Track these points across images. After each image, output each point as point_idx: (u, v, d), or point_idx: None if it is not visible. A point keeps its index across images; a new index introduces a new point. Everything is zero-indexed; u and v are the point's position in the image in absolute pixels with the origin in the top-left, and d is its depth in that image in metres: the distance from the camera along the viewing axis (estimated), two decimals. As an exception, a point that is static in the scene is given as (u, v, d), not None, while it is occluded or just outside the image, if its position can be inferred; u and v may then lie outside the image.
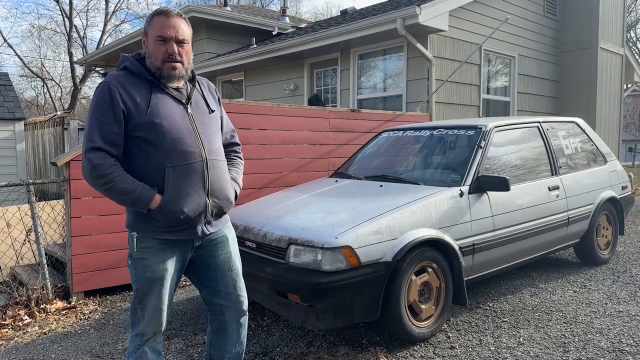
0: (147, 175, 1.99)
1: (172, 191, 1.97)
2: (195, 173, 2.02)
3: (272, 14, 14.03)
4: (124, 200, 1.96)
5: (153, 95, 2.01)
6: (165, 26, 2.01)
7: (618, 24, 10.16)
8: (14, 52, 37.26)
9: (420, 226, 3.13)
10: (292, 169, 5.47)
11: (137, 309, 2.09)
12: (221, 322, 2.29)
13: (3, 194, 4.88)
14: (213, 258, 2.20)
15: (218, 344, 2.32)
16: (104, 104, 1.94)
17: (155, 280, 2.04)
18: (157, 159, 1.97)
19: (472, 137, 3.89)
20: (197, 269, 2.23)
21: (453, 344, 3.15)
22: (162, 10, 2.05)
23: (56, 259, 4.64)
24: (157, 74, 2.03)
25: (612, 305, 3.76)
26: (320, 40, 7.72)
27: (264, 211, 3.56)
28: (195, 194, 2.03)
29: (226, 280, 2.23)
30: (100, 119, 1.94)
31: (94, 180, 1.93)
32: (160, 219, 1.98)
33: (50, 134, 8.16)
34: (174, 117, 2.02)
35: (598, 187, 4.69)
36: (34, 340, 3.44)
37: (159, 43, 2.01)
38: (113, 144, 1.95)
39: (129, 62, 2.05)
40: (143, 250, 2.04)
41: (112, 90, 1.95)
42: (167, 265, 2.06)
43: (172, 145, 1.98)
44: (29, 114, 21.44)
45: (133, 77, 2.02)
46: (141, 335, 2.10)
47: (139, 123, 1.96)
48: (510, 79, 8.66)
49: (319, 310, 2.80)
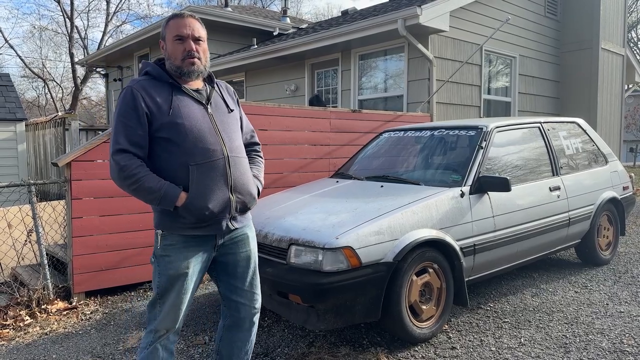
0: (172, 174, 2.06)
1: (196, 188, 2.04)
2: (217, 170, 2.09)
3: (273, 14, 14.04)
4: (151, 199, 2.02)
5: (174, 97, 2.09)
6: (181, 25, 2.11)
7: (619, 24, 10.15)
8: (15, 53, 37.37)
9: (421, 227, 3.13)
10: (293, 169, 5.47)
11: (157, 304, 2.12)
12: (236, 319, 2.33)
13: (4, 195, 4.88)
14: (234, 255, 2.25)
15: (229, 341, 2.35)
16: (127, 108, 2.03)
17: (177, 277, 2.09)
18: (181, 157, 2.04)
19: (473, 138, 3.89)
20: (218, 266, 2.28)
21: (454, 344, 3.15)
22: (175, 14, 2.17)
23: (57, 259, 4.65)
24: (178, 72, 2.12)
25: (614, 306, 3.75)
26: (321, 41, 7.73)
27: (265, 212, 3.56)
28: (219, 190, 2.09)
29: (244, 277, 2.29)
30: (125, 122, 2.02)
31: (122, 181, 2.01)
32: (186, 216, 2.04)
33: (52, 135, 8.16)
34: (195, 117, 2.09)
35: (599, 187, 4.69)
36: (35, 340, 3.45)
37: (177, 42, 2.11)
38: (138, 146, 2.03)
39: (150, 67, 2.15)
40: (167, 248, 2.09)
41: (135, 95, 2.03)
42: (190, 263, 2.11)
43: (194, 144, 2.05)
44: (30, 115, 21.45)
45: (155, 81, 2.11)
46: (155, 332, 2.12)
47: (161, 124, 2.04)
48: (511, 80, 8.66)
49: (320, 311, 2.80)
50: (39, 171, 8.88)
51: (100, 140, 4.11)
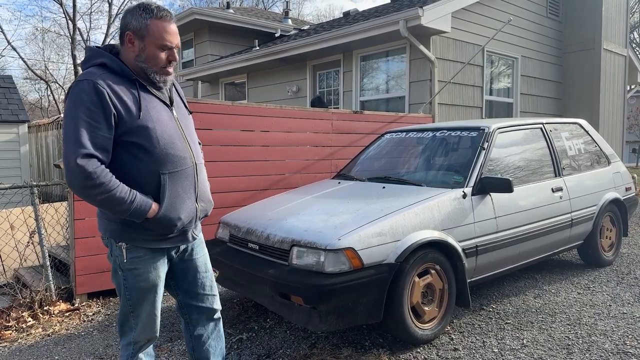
0: (140, 182, 1.88)
1: (169, 199, 1.91)
2: (188, 179, 1.98)
3: (275, 16, 14.06)
4: (119, 211, 1.84)
5: (141, 97, 1.89)
6: (169, 33, 1.92)
7: (621, 25, 10.14)
8: (18, 55, 37.56)
9: (423, 228, 3.13)
10: (294, 170, 5.48)
11: (130, 318, 2.04)
12: (200, 323, 2.27)
13: (7, 196, 4.90)
14: (193, 261, 2.18)
15: (202, 346, 2.30)
16: (92, 106, 1.78)
17: (149, 288, 2.01)
18: (151, 165, 1.88)
19: (475, 139, 3.88)
20: (176, 274, 2.18)
21: (456, 346, 3.15)
22: (162, 13, 1.92)
23: (59, 260, 4.65)
24: (150, 79, 1.94)
25: (616, 307, 3.74)
26: (323, 42, 7.73)
27: (266, 213, 3.57)
28: (189, 200, 1.99)
29: (204, 282, 2.22)
30: (90, 122, 1.77)
31: (87, 190, 1.77)
32: (154, 228, 1.92)
33: (54, 136, 8.18)
34: (164, 121, 1.94)
35: (601, 188, 4.68)
36: (37, 342, 3.45)
37: (160, 50, 1.92)
38: (104, 150, 1.81)
39: (108, 60, 1.89)
40: (134, 260, 1.97)
41: (100, 91, 1.79)
42: (160, 272, 2.03)
43: (165, 151, 1.90)
44: (33, 117, 21.53)
45: (116, 77, 1.87)
46: (134, 344, 2.07)
47: (130, 128, 1.84)
48: (513, 80, 8.65)
49: (321, 312, 2.80)
50: (42, 173, 8.90)
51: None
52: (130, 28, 1.91)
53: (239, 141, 4.99)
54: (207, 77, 11.03)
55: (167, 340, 3.36)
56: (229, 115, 4.91)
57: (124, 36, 1.94)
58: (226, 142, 4.88)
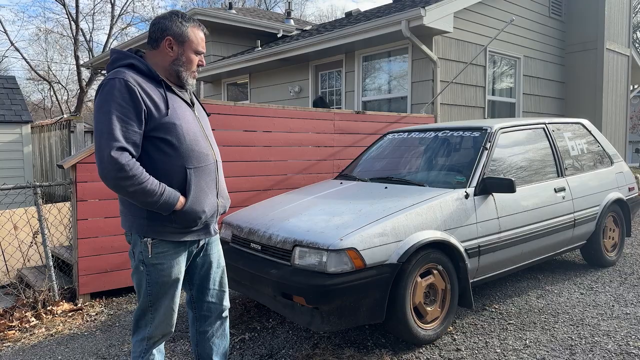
0: (167, 176, 1.99)
1: (194, 192, 2.02)
2: (210, 174, 2.10)
3: (277, 16, 14.06)
4: (149, 203, 1.92)
5: (168, 96, 2.03)
6: (203, 40, 2.14)
7: (624, 25, 10.11)
8: (21, 56, 37.65)
9: (425, 228, 3.13)
10: (297, 171, 5.48)
11: (148, 312, 2.09)
12: (208, 320, 2.33)
13: (10, 197, 4.91)
14: (208, 257, 2.26)
15: (206, 342, 2.35)
16: (123, 102, 1.88)
17: (171, 283, 2.08)
18: (178, 160, 2.00)
19: (478, 139, 3.88)
20: (191, 268, 2.26)
21: (459, 346, 3.14)
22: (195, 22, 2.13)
23: (62, 261, 4.67)
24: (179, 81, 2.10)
25: (619, 308, 3.73)
26: (325, 43, 7.73)
27: (269, 213, 3.57)
28: (211, 194, 2.11)
29: (215, 277, 2.30)
30: (122, 118, 1.88)
31: (120, 182, 1.85)
32: (181, 221, 2.01)
33: (57, 137, 8.21)
34: (189, 119, 2.07)
35: (604, 188, 4.67)
36: (40, 342, 3.46)
37: (195, 55, 2.10)
38: (134, 145, 1.92)
39: (137, 61, 2.01)
40: (159, 256, 2.03)
41: (131, 88, 1.90)
42: (182, 267, 2.12)
43: (191, 147, 2.02)
44: (36, 117, 21.60)
45: (143, 77, 1.99)
46: (148, 339, 2.11)
47: (159, 124, 1.96)
48: (516, 80, 8.64)
49: (324, 313, 2.80)
50: (45, 173, 8.92)
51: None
52: (170, 33, 2.06)
53: (241, 141, 5.00)
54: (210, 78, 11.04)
55: (169, 340, 3.37)
56: (231, 115, 4.92)
57: (162, 41, 2.06)
58: (228, 142, 4.89)
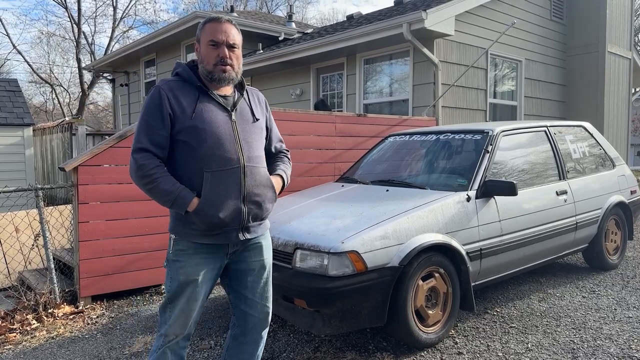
0: (188, 178, 2.06)
1: (209, 195, 2.03)
2: (232, 179, 2.07)
3: (279, 19, 14.09)
4: (164, 201, 2.03)
5: (199, 101, 2.09)
6: (217, 31, 2.09)
7: (625, 28, 10.11)
8: (23, 59, 37.77)
9: (427, 231, 3.12)
10: (298, 173, 5.48)
11: (167, 309, 2.13)
12: (244, 329, 2.29)
13: (12, 199, 4.92)
14: (245, 264, 2.22)
15: (235, 351, 2.32)
16: (153, 108, 2.04)
17: (188, 283, 2.08)
18: (197, 163, 2.05)
19: (479, 142, 3.88)
20: (230, 274, 2.26)
21: (460, 349, 3.13)
22: (213, 17, 2.16)
23: (64, 263, 4.67)
24: (209, 77, 2.11)
25: (622, 311, 3.72)
26: (327, 46, 7.74)
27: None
28: (231, 199, 2.07)
29: (255, 288, 2.24)
30: (149, 122, 2.04)
31: (139, 180, 2.03)
32: (196, 222, 2.04)
33: (59, 140, 8.22)
34: (217, 123, 2.08)
35: (606, 191, 4.66)
36: (41, 344, 3.46)
37: (211, 47, 2.09)
38: (159, 146, 2.04)
39: (181, 69, 2.15)
40: (178, 253, 2.10)
41: (161, 95, 2.05)
42: (200, 269, 2.10)
43: (212, 151, 2.04)
44: (38, 120, 21.62)
45: (183, 83, 2.12)
46: (164, 336, 2.12)
47: (183, 127, 2.04)
48: (517, 83, 8.64)
49: (325, 316, 2.79)
50: (46, 176, 8.94)
51: (106, 145, 4.13)
52: (196, 38, 2.17)
53: (243, 144, 4.99)
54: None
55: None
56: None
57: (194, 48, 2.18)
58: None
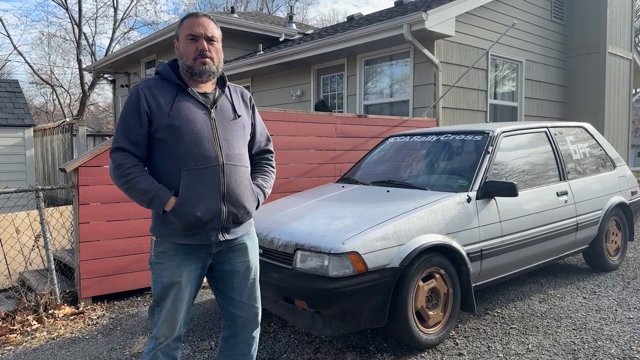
0: (166, 177, 2.04)
1: (186, 194, 2.00)
2: (211, 177, 2.03)
3: (279, 20, 14.10)
4: (142, 201, 2.01)
5: (178, 99, 2.07)
6: (195, 25, 2.09)
7: (626, 29, 10.11)
8: (24, 60, 37.81)
9: (427, 232, 3.12)
10: (298, 174, 5.48)
11: (155, 311, 2.12)
12: (233, 330, 2.27)
13: (12, 200, 4.92)
14: (230, 265, 2.19)
15: (227, 353, 2.31)
16: (131, 107, 2.04)
17: (171, 285, 2.06)
18: (175, 161, 2.02)
19: (480, 143, 3.87)
20: (215, 275, 2.23)
21: (461, 350, 3.13)
22: (190, 13, 2.16)
23: (64, 264, 4.67)
24: (189, 72, 2.09)
25: (622, 312, 3.72)
26: (327, 47, 7.75)
27: (270, 217, 3.57)
28: (210, 198, 2.02)
29: (242, 289, 2.22)
30: (127, 121, 2.03)
31: (117, 180, 2.02)
32: (174, 222, 2.01)
33: (59, 141, 8.24)
34: (195, 120, 2.05)
35: (607, 192, 4.65)
36: (42, 345, 3.46)
37: (189, 42, 2.08)
38: (137, 145, 2.03)
39: (161, 67, 2.15)
40: (159, 255, 2.08)
41: (139, 94, 2.05)
42: (183, 271, 2.07)
43: (189, 149, 2.01)
44: (38, 121, 21.64)
45: (163, 82, 2.11)
46: (155, 339, 2.12)
47: (160, 125, 2.02)
48: (518, 84, 8.64)
49: (325, 317, 2.79)
50: (47, 177, 8.94)
51: (107, 146, 4.13)
52: (175, 36, 2.17)
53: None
54: (212, 81, 11.08)
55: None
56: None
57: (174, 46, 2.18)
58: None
